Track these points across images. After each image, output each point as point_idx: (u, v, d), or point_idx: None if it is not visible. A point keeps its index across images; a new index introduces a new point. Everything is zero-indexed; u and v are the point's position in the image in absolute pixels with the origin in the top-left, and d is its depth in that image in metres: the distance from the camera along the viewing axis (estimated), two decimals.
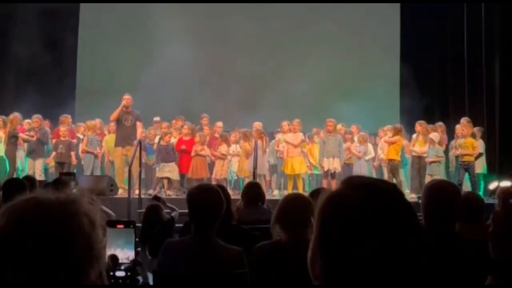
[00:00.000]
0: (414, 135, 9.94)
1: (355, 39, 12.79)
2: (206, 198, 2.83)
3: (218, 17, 13.33)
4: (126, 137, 9.51)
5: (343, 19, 13.08)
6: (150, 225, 4.33)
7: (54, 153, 10.05)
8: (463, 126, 9.54)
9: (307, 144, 10.54)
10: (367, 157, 10.40)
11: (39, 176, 9.35)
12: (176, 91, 12.62)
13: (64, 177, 7.44)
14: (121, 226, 2.39)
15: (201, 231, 2.81)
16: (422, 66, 12.76)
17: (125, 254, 2.31)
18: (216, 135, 10.34)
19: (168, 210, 5.09)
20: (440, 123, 10.49)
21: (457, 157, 9.73)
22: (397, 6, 13.18)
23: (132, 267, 2.26)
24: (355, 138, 10.62)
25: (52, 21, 12.15)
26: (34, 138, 9.81)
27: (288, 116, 10.49)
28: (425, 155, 9.55)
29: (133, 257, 2.31)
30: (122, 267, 2.25)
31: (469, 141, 9.30)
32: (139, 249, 2.46)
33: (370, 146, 10.56)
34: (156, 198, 5.58)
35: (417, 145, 9.68)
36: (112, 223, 2.35)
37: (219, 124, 10.73)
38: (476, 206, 3.39)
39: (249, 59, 13.01)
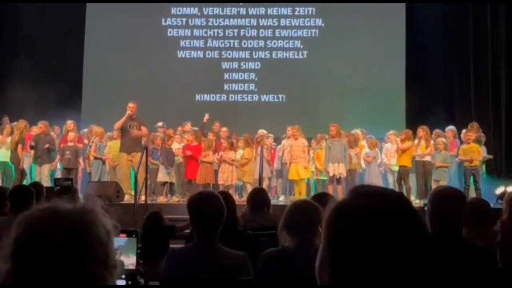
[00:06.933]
0: (416, 140, 9.79)
1: (359, 41, 12.73)
2: (206, 204, 2.81)
3: (224, 18, 13.43)
4: (132, 144, 9.42)
5: (347, 18, 13.06)
6: (150, 232, 4.33)
7: (58, 157, 9.99)
8: (469, 131, 9.47)
9: (312, 149, 10.48)
10: (378, 163, 10.23)
11: (46, 182, 9.37)
12: (180, 95, 12.71)
13: (62, 183, 7.42)
14: (124, 235, 2.39)
15: (203, 237, 2.80)
16: (428, 69, 12.70)
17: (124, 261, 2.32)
18: (222, 140, 10.32)
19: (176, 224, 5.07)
20: (451, 127, 10.33)
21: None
22: (402, 7, 13.05)
23: (133, 275, 2.27)
24: (364, 143, 10.41)
25: (57, 25, 12.23)
26: (46, 146, 9.73)
27: (292, 120, 10.49)
28: (428, 159, 9.46)
29: (131, 265, 2.31)
30: (123, 276, 2.26)
31: (475, 146, 9.23)
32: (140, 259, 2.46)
33: (378, 151, 10.39)
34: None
35: (419, 150, 9.56)
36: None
37: (224, 129, 10.74)
38: (482, 211, 3.37)
39: (253, 60, 13.11)
